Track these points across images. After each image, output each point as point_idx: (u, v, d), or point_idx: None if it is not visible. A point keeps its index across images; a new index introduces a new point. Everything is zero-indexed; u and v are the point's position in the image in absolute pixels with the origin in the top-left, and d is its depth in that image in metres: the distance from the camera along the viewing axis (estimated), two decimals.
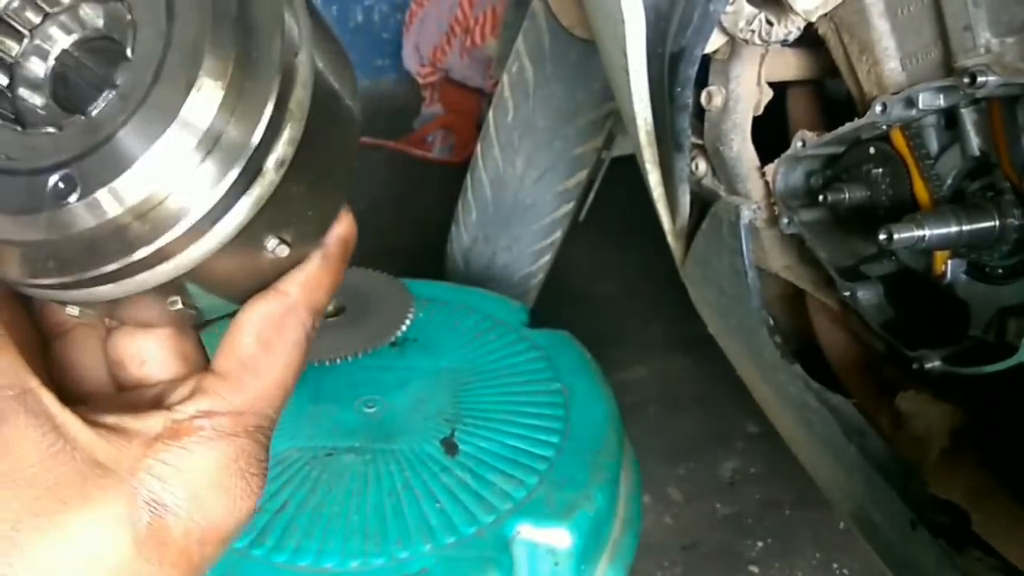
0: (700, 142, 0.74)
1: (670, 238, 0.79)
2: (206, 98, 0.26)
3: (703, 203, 0.74)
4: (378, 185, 2.17)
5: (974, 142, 0.57)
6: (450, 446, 0.69)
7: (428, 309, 0.88)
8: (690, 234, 0.75)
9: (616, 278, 1.61)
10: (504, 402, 0.74)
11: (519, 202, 1.32)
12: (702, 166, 0.75)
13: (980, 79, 0.50)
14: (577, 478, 0.65)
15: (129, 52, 0.28)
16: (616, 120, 1.25)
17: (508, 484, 0.64)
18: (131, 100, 0.27)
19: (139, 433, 0.28)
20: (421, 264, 1.56)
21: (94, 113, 0.27)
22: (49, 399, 0.27)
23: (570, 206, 1.34)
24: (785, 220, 0.70)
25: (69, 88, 0.31)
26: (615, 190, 1.37)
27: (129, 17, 0.28)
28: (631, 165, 0.81)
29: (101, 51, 0.31)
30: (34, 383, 0.27)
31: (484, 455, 0.68)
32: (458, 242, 1.41)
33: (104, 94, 0.27)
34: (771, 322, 0.67)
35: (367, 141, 2.38)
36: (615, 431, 0.71)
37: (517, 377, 0.70)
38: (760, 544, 1.03)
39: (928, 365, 0.59)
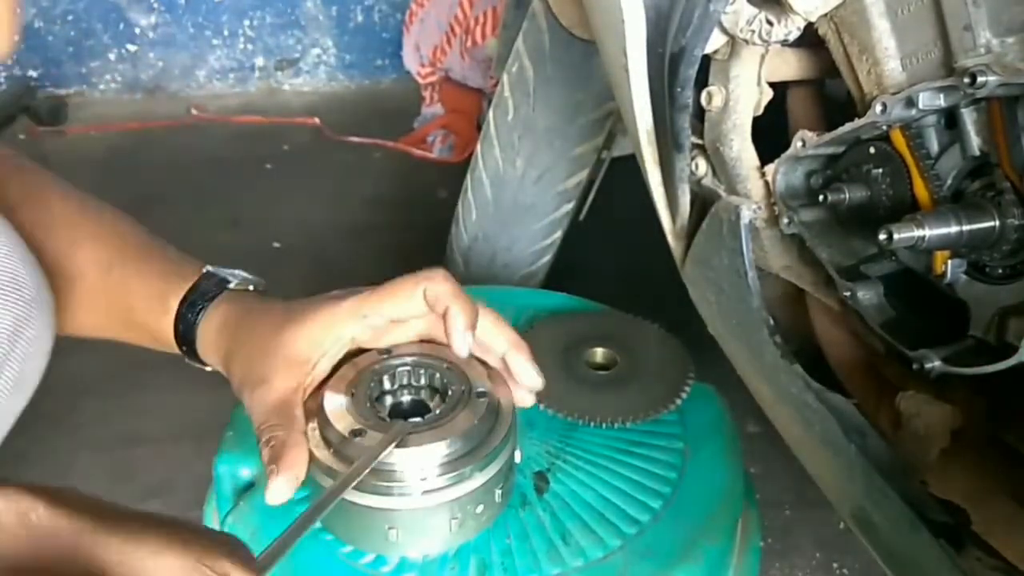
0: (700, 142, 0.74)
1: (670, 238, 0.79)
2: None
3: (703, 203, 0.74)
4: (378, 185, 2.17)
5: (974, 142, 0.57)
6: (541, 481, 0.64)
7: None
8: (690, 234, 0.75)
9: (616, 278, 1.61)
10: (614, 448, 0.68)
11: (519, 202, 1.32)
12: (702, 166, 0.75)
13: (980, 79, 0.50)
14: (665, 557, 0.57)
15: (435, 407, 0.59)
16: (616, 120, 1.25)
17: (586, 540, 0.58)
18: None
19: None
20: (421, 264, 1.55)
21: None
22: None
23: (570, 206, 1.34)
24: (785, 220, 0.70)
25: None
26: (615, 190, 1.37)
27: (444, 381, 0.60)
28: (631, 165, 0.81)
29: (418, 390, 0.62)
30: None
31: (574, 501, 0.62)
32: (458, 242, 1.41)
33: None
34: (771, 322, 0.67)
35: (367, 141, 2.38)
36: (730, 511, 0.63)
37: (638, 422, 0.65)
38: (761, 544, 1.02)
39: (928, 365, 0.59)
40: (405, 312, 0.60)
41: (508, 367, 0.62)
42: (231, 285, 0.66)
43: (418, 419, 0.57)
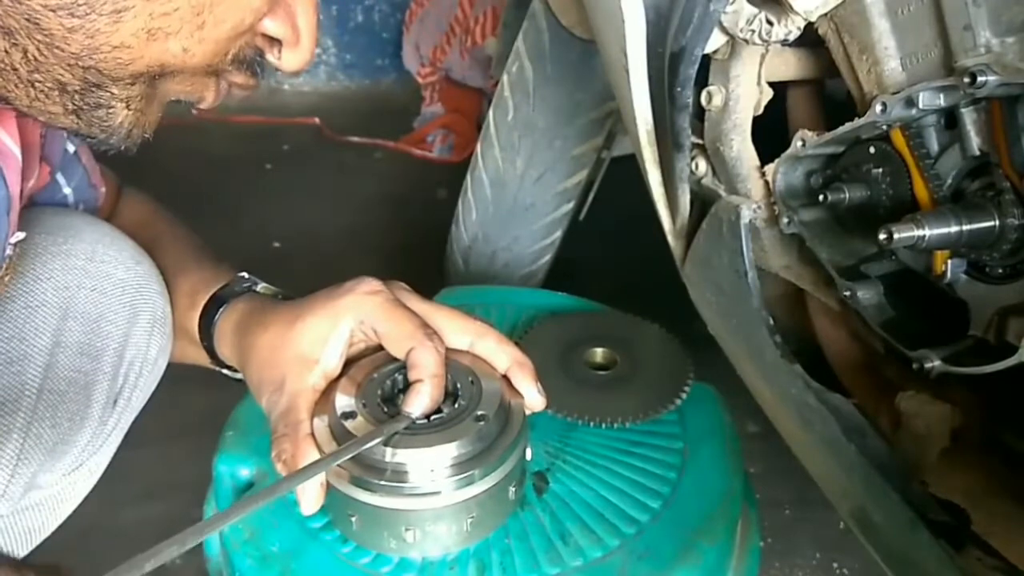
0: (700, 142, 0.74)
1: (670, 238, 0.79)
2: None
3: (703, 203, 0.74)
4: (378, 185, 2.17)
5: (974, 142, 0.57)
6: (541, 482, 0.64)
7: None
8: (690, 234, 0.75)
9: (616, 278, 1.61)
10: (613, 448, 0.68)
11: (519, 202, 1.32)
12: (702, 166, 0.75)
13: (980, 79, 0.50)
14: (664, 557, 0.57)
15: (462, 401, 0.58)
16: (616, 120, 1.26)
17: (585, 540, 0.58)
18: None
19: None
20: (421, 264, 1.56)
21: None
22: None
23: (570, 206, 1.34)
24: (785, 220, 0.70)
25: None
26: (615, 190, 1.37)
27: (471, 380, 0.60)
28: (631, 165, 0.81)
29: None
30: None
31: (574, 501, 0.62)
32: (458, 242, 1.41)
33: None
34: (771, 322, 0.67)
35: (367, 141, 2.38)
36: (729, 511, 0.63)
37: (638, 422, 0.65)
38: (760, 544, 1.03)
39: (928, 365, 0.59)
40: (395, 353, 0.60)
41: (512, 384, 0.62)
42: (258, 288, 0.68)
43: (424, 420, 0.57)
